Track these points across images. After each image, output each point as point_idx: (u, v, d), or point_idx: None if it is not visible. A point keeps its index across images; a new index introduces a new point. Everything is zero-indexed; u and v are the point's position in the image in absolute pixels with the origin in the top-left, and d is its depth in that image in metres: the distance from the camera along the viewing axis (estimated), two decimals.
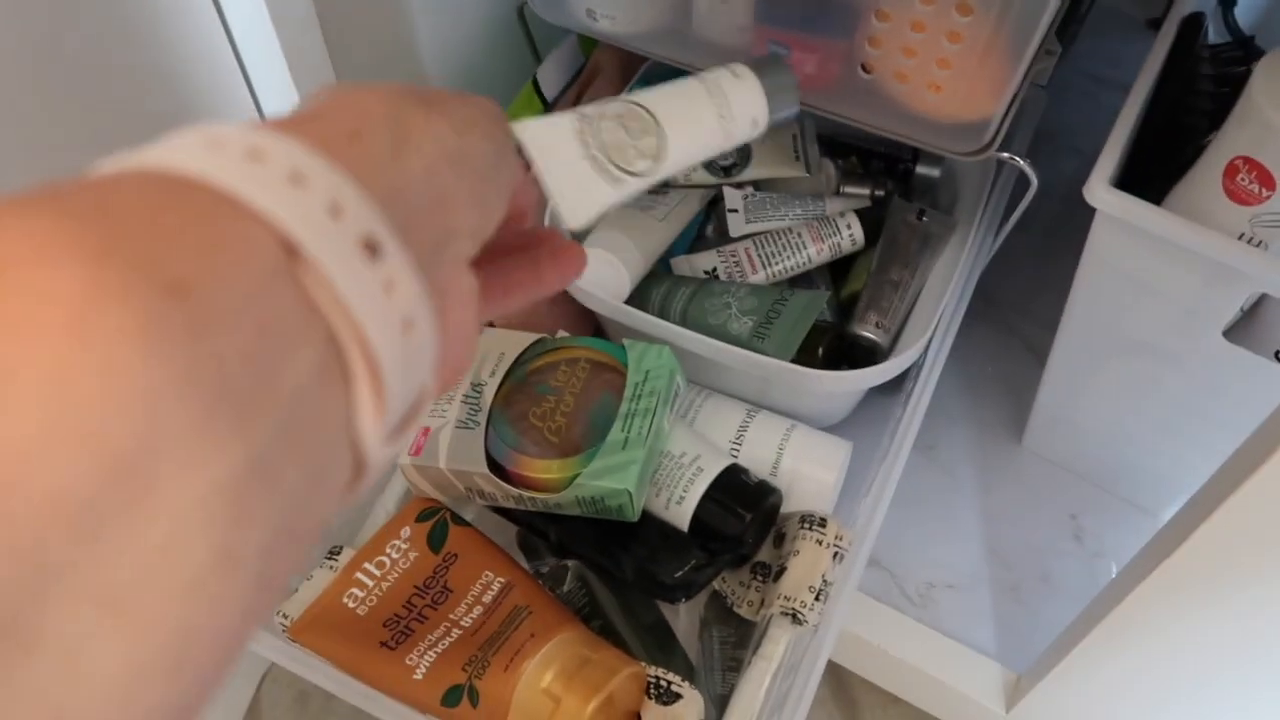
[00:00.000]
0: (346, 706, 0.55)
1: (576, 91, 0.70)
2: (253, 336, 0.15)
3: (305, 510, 0.17)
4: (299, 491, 0.16)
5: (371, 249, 0.18)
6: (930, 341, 0.60)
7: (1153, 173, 0.56)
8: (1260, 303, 0.53)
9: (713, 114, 0.48)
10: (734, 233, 0.69)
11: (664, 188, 0.69)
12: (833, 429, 0.65)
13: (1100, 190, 0.50)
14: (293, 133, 0.19)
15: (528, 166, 0.33)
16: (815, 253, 0.67)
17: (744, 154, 0.69)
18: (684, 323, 0.60)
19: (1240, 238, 0.49)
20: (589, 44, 0.71)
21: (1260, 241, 0.48)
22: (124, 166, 0.17)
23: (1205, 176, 0.50)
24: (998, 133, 0.53)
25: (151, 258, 0.15)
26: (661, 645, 0.58)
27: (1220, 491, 0.41)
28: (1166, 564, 0.45)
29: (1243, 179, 0.47)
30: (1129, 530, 0.72)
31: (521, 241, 0.32)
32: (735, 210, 0.68)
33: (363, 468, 0.19)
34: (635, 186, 0.47)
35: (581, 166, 0.46)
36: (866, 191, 0.70)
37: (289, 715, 0.85)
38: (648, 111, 0.47)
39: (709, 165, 0.69)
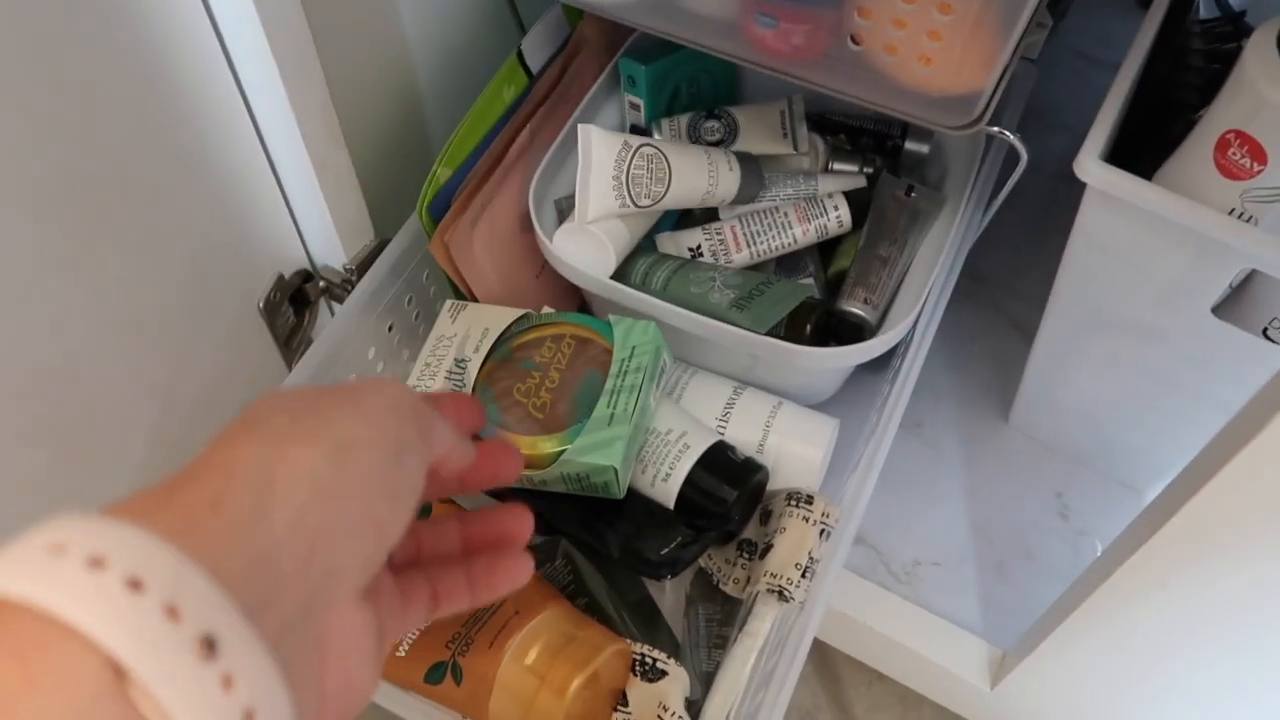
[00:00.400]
0: None
1: (561, 64, 0.68)
2: None
3: None
4: None
5: (209, 646, 0.19)
6: (918, 318, 0.60)
7: (1142, 149, 0.55)
8: (1249, 279, 0.53)
9: (705, 185, 0.64)
10: (721, 211, 0.68)
11: None
12: (820, 406, 0.64)
13: (1090, 165, 0.49)
14: (147, 517, 0.20)
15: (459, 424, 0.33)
16: (801, 233, 0.66)
17: (731, 130, 0.68)
18: (665, 297, 0.60)
19: (1230, 213, 0.48)
20: (574, 15, 0.70)
21: (1250, 217, 0.48)
22: None
23: (1196, 151, 0.49)
24: (988, 107, 0.52)
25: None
26: (647, 622, 0.58)
27: (1206, 469, 0.41)
28: (1151, 542, 0.45)
29: (1234, 153, 0.47)
30: (1115, 508, 0.72)
31: (464, 527, 0.32)
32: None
33: None
34: (633, 211, 0.62)
35: (607, 181, 0.60)
36: (855, 168, 0.69)
37: None
38: (668, 165, 0.62)
39: (696, 140, 0.68)
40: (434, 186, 0.61)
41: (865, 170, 0.69)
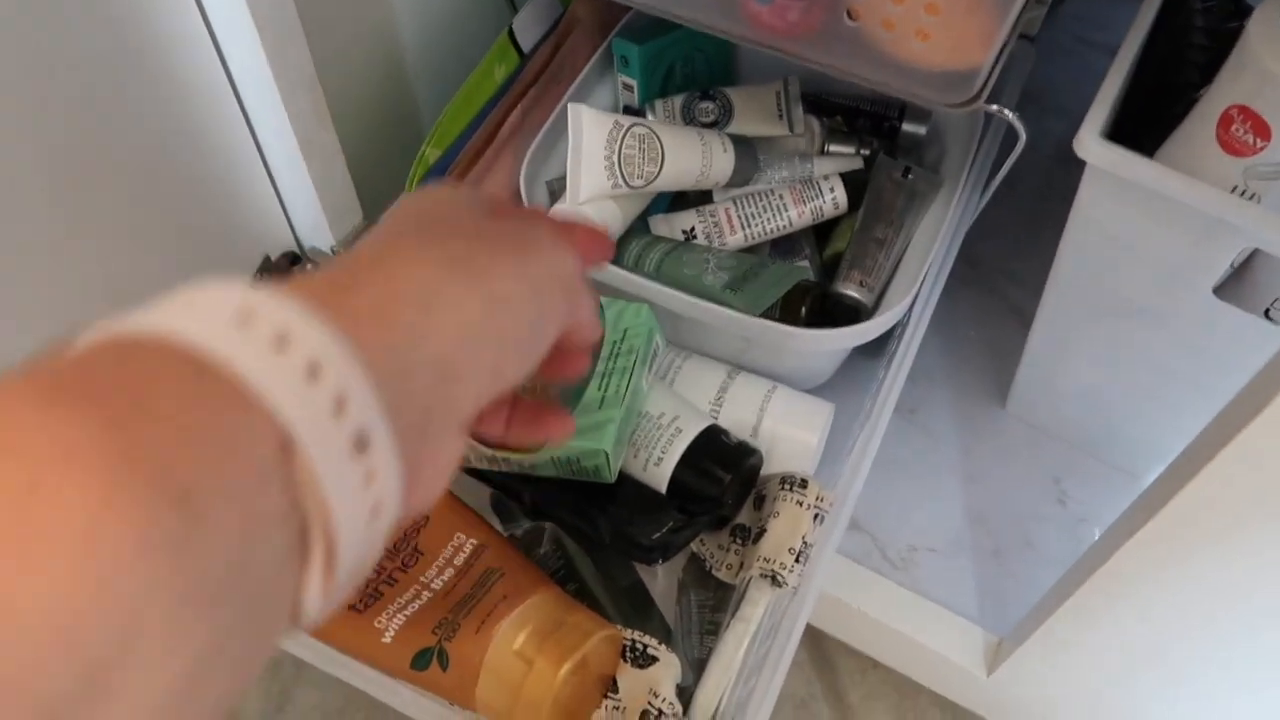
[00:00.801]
0: (319, 673, 0.53)
1: (554, 43, 0.67)
2: (236, 540, 0.17)
3: (247, 665, 0.18)
4: (244, 651, 0.18)
5: (362, 444, 0.20)
6: (915, 300, 0.59)
7: (1142, 131, 0.54)
8: (1251, 259, 0.52)
9: (699, 166, 0.63)
10: (715, 193, 0.67)
11: None
12: (815, 391, 0.64)
13: (1090, 142, 0.48)
14: (323, 311, 0.20)
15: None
16: (796, 215, 0.65)
17: (726, 111, 0.67)
18: (658, 278, 0.59)
19: (1233, 191, 0.47)
20: None
21: (1253, 194, 0.47)
22: (157, 334, 0.18)
23: (1198, 128, 0.49)
24: (986, 84, 0.51)
25: (166, 467, 0.16)
26: (638, 608, 0.57)
27: (1205, 453, 0.40)
28: (1149, 526, 0.44)
29: (1237, 129, 0.46)
30: (1113, 494, 0.71)
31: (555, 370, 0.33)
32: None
33: (297, 622, 0.20)
34: (626, 193, 0.60)
35: (599, 161, 0.59)
36: (852, 150, 0.68)
37: (261, 682, 0.84)
38: (661, 145, 0.60)
39: (690, 121, 0.67)
40: (423, 166, 0.60)
41: (862, 152, 0.68)
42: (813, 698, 0.82)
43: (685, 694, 0.53)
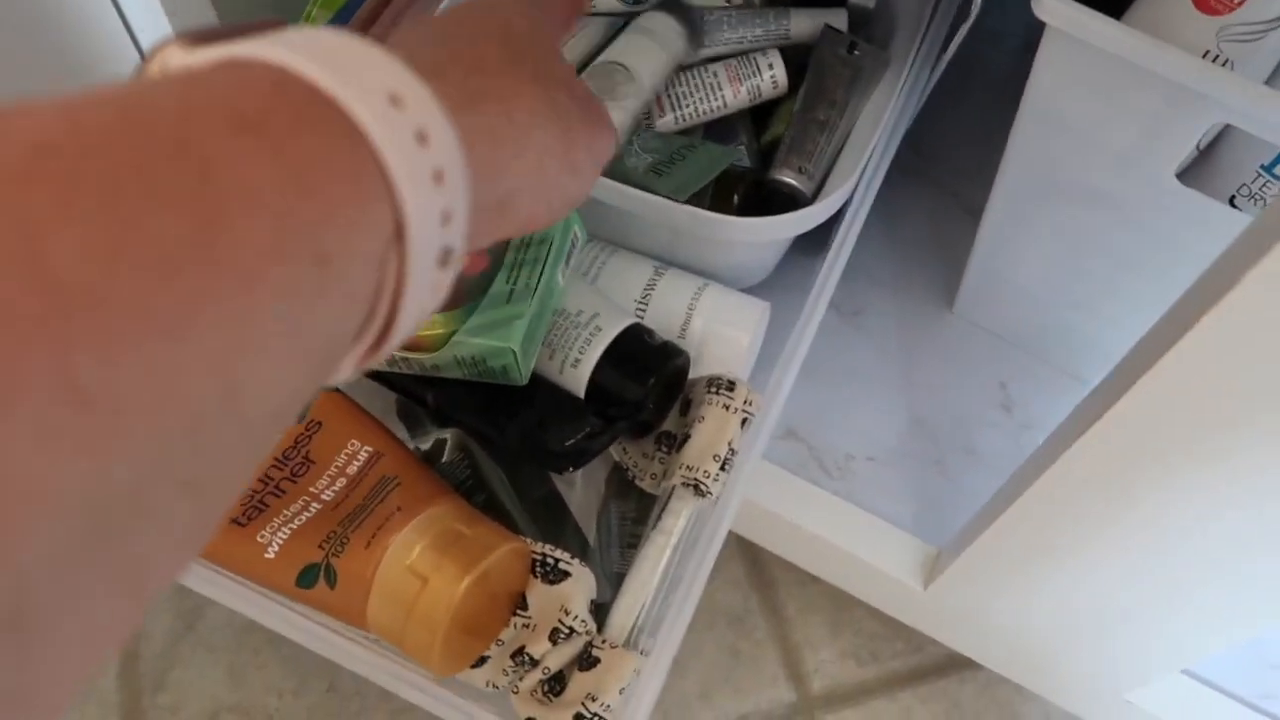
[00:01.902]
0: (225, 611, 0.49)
1: None
2: (339, 310, 0.19)
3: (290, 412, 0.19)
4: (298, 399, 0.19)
5: (445, 259, 0.21)
6: (857, 187, 0.54)
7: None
8: (1218, 140, 0.47)
9: (662, 55, 0.58)
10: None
11: None
12: (752, 291, 0.59)
13: (1050, 1, 0.43)
14: (453, 122, 0.21)
15: None
16: (732, 95, 0.60)
17: None
18: None
19: (1205, 56, 0.43)
20: None
21: (1227, 60, 0.42)
22: (323, 92, 0.18)
23: None
24: None
25: (313, 234, 0.17)
26: (552, 521, 0.53)
27: (1153, 351, 0.36)
28: (1092, 431, 0.41)
29: None
30: (1061, 401, 0.68)
31: None
32: None
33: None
34: (628, 109, 0.56)
35: None
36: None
37: (170, 600, 0.79)
38: (624, 67, 0.57)
39: None
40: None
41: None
42: (749, 612, 0.79)
43: (604, 610, 0.49)
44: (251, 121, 0.17)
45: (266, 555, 0.46)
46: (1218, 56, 0.42)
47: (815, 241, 0.55)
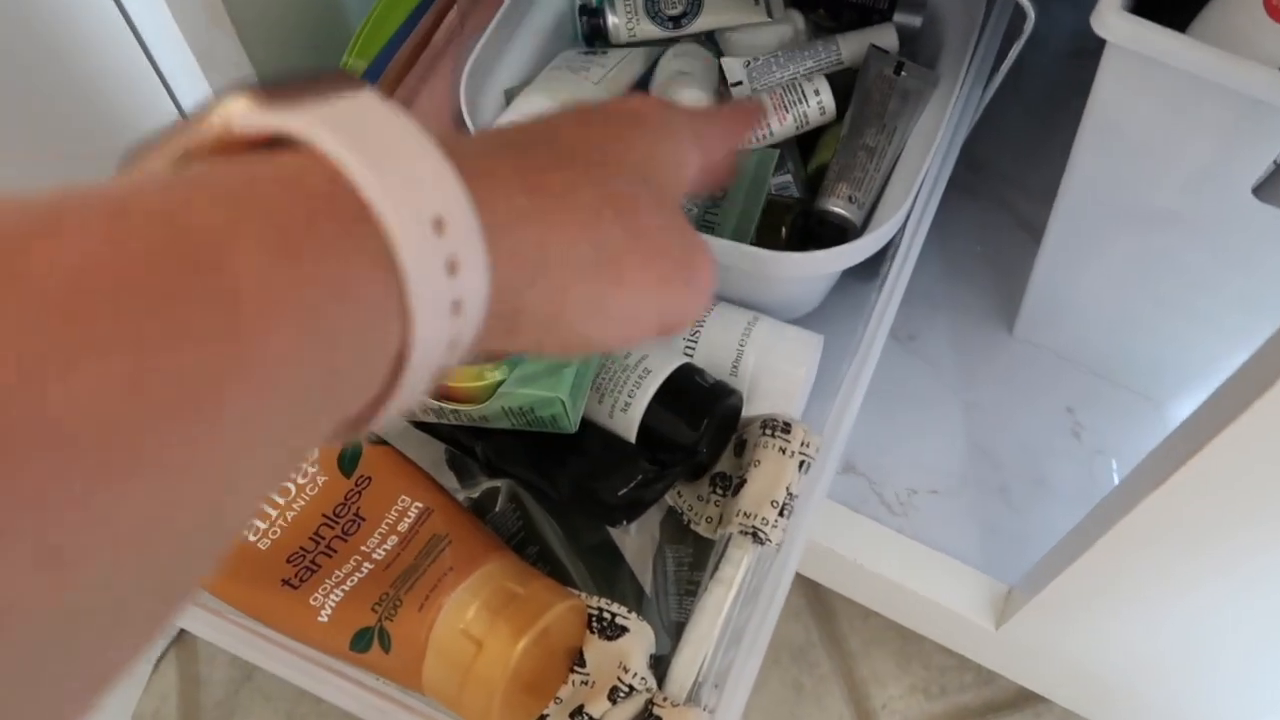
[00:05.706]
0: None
1: None
2: (332, 414, 0.19)
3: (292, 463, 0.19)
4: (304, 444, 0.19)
5: (453, 345, 0.21)
6: (909, 214, 0.52)
7: (1170, 8, 0.47)
8: None
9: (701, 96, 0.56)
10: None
11: (603, 47, 0.60)
12: (802, 321, 0.57)
13: (1111, 17, 0.41)
14: (489, 251, 0.20)
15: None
16: (777, 123, 0.58)
17: (694, 3, 0.59)
18: None
19: None
20: None
21: None
22: (360, 195, 0.18)
23: None
24: None
25: (325, 364, 0.17)
26: (607, 570, 0.51)
27: (1255, 382, 0.34)
28: (1186, 468, 0.38)
29: None
30: (1132, 424, 0.65)
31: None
32: (739, 83, 0.59)
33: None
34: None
35: None
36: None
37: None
38: None
39: (654, 15, 0.59)
40: None
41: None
42: (811, 645, 0.77)
43: (662, 663, 0.47)
44: (293, 244, 0.17)
45: (320, 619, 0.46)
46: None
47: (866, 265, 0.53)
